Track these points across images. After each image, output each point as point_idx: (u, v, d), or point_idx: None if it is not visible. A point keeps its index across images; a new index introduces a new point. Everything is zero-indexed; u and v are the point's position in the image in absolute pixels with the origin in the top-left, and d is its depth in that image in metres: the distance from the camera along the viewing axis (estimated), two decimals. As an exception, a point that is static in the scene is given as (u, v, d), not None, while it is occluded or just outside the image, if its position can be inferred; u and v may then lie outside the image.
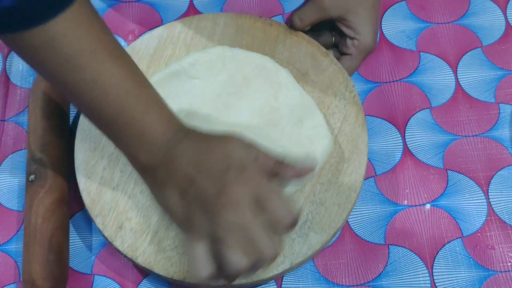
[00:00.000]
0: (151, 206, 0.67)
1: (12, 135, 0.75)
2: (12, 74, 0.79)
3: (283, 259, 0.63)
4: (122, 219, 0.66)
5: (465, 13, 0.81)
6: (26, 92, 0.78)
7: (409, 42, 0.79)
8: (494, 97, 0.75)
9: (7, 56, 0.80)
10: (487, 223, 0.68)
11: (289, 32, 0.76)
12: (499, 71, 0.77)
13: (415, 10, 0.81)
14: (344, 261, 0.67)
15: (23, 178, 0.72)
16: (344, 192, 0.66)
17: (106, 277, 0.67)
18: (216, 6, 0.83)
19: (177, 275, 0.63)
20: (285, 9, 0.82)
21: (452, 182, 0.70)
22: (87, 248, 0.68)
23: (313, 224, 0.65)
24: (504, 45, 0.78)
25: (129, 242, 0.65)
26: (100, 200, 0.67)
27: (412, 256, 0.67)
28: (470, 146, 0.72)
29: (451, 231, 0.68)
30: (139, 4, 0.83)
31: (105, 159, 0.69)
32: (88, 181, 0.68)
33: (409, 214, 0.69)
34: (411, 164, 0.71)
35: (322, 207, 0.66)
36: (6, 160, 0.73)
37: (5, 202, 0.71)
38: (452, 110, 0.74)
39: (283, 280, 0.66)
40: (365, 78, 0.77)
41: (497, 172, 0.71)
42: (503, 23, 0.80)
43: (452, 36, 0.79)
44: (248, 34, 0.76)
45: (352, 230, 0.68)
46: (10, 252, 0.69)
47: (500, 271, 0.66)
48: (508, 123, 0.73)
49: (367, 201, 0.70)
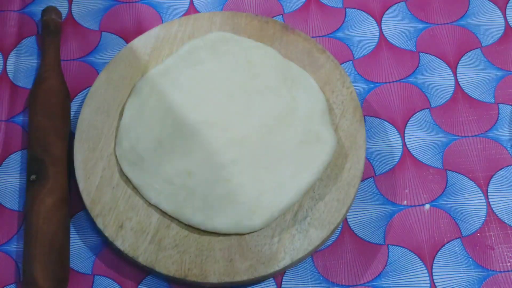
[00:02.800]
0: (151, 206, 0.67)
1: (12, 135, 0.75)
2: (12, 74, 0.79)
3: (283, 255, 0.64)
4: (123, 219, 0.66)
5: (464, 14, 0.81)
6: (26, 92, 0.78)
7: (408, 42, 0.79)
8: (494, 97, 0.75)
9: (7, 56, 0.80)
10: (486, 223, 0.68)
11: (285, 30, 0.76)
12: (499, 72, 0.77)
13: (414, 10, 0.81)
14: (343, 261, 0.67)
15: (23, 178, 0.72)
16: (343, 188, 0.67)
17: (106, 277, 0.67)
18: (216, 6, 0.83)
19: (178, 273, 0.63)
20: (285, 9, 0.82)
21: (452, 182, 0.71)
22: (87, 248, 0.68)
23: (313, 219, 0.66)
24: (503, 46, 0.78)
25: (130, 241, 0.65)
26: (100, 200, 0.67)
27: (412, 256, 0.67)
28: (469, 147, 0.72)
29: (450, 231, 0.68)
30: (139, 4, 0.83)
31: (105, 159, 0.69)
32: (88, 181, 0.68)
33: (409, 214, 0.69)
34: (411, 164, 0.72)
35: (321, 202, 0.66)
36: (6, 160, 0.73)
37: (5, 202, 0.71)
38: (452, 111, 0.75)
39: (283, 280, 0.66)
40: (365, 78, 0.77)
41: (497, 173, 0.71)
42: (502, 24, 0.80)
43: (452, 37, 0.79)
44: (244, 32, 0.76)
45: (351, 230, 0.68)
46: (10, 252, 0.69)
47: (500, 271, 0.66)
48: (507, 123, 0.74)
49: (366, 201, 0.70)
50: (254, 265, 0.64)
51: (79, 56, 0.80)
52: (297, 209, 0.66)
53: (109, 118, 0.72)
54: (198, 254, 0.64)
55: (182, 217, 0.66)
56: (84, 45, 0.81)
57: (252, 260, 0.64)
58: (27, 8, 0.84)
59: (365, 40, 0.79)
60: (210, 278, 0.63)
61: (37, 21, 0.83)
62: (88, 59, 0.80)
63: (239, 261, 0.64)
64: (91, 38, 0.81)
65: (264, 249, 0.64)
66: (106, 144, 0.70)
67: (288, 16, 0.81)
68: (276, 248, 0.64)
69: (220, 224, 0.65)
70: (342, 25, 0.81)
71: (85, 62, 0.79)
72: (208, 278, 0.63)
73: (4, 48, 0.81)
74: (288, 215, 0.66)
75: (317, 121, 0.70)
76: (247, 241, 0.65)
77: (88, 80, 0.78)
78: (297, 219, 0.66)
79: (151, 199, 0.67)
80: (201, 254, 0.64)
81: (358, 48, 0.79)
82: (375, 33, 0.80)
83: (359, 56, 0.78)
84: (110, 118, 0.72)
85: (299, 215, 0.66)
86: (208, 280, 0.63)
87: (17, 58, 0.80)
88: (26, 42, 0.81)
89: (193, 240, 0.65)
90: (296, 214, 0.66)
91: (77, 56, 0.80)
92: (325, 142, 0.68)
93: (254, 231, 0.65)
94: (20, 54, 0.81)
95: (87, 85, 0.78)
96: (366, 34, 0.80)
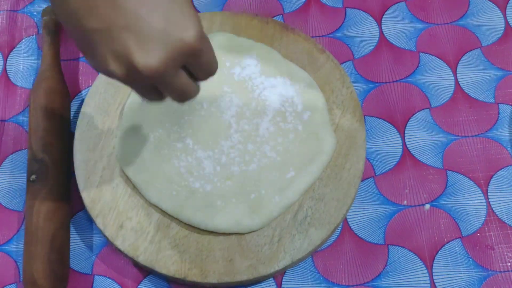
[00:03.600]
0: (151, 205, 0.67)
1: (12, 135, 0.75)
2: (12, 74, 0.79)
3: (283, 255, 0.64)
4: (123, 219, 0.66)
5: (464, 14, 0.81)
6: (26, 92, 0.78)
7: (408, 42, 0.79)
8: (494, 97, 0.75)
9: (7, 56, 0.80)
10: (486, 223, 0.68)
11: (285, 30, 0.76)
12: (499, 72, 0.77)
13: (414, 10, 0.81)
14: (343, 261, 0.67)
15: (23, 178, 0.72)
16: (343, 187, 0.67)
17: (106, 277, 0.67)
18: (217, 6, 0.83)
19: (179, 273, 0.63)
20: (285, 9, 0.82)
21: (452, 182, 0.71)
22: (87, 248, 0.69)
23: (313, 219, 0.66)
24: (503, 46, 0.78)
25: (130, 241, 0.65)
26: (100, 200, 0.67)
27: (412, 256, 0.67)
28: (469, 147, 0.72)
29: (450, 231, 0.68)
30: (139, 4, 0.83)
31: (105, 159, 0.69)
32: (88, 181, 0.68)
33: (409, 214, 0.69)
34: (411, 164, 0.72)
35: (321, 202, 0.66)
36: (6, 160, 0.73)
37: (5, 202, 0.71)
38: (452, 111, 0.75)
39: (283, 280, 0.66)
40: (365, 78, 0.77)
41: (497, 173, 0.71)
42: (502, 24, 0.80)
43: (452, 37, 0.79)
44: (244, 32, 0.76)
45: (351, 230, 0.68)
46: (10, 252, 0.69)
47: (500, 271, 0.66)
48: (507, 123, 0.74)
49: (366, 201, 0.70)
50: (254, 265, 0.64)
51: (79, 56, 0.80)
52: (297, 209, 0.66)
53: (109, 118, 0.72)
54: (198, 254, 0.64)
55: (182, 217, 0.66)
56: (84, 45, 0.81)
57: (252, 260, 0.64)
58: (27, 8, 0.84)
59: (365, 40, 0.80)
60: (210, 278, 0.63)
61: (37, 21, 0.83)
62: (88, 59, 0.80)
63: (239, 261, 0.64)
64: (91, 38, 0.81)
65: (264, 249, 0.64)
66: (106, 144, 0.70)
67: (288, 16, 0.81)
68: (276, 248, 0.64)
69: (221, 223, 0.65)
70: (342, 25, 0.81)
71: (85, 62, 0.79)
72: (208, 278, 0.63)
73: (4, 48, 0.81)
74: (288, 215, 0.66)
75: (317, 121, 0.70)
76: (247, 241, 0.65)
77: (88, 80, 0.78)
78: (297, 219, 0.66)
79: (151, 198, 0.67)
80: (201, 254, 0.64)
81: (358, 48, 0.79)
82: (375, 33, 0.80)
83: (359, 56, 0.78)
84: (110, 118, 0.72)
85: (299, 215, 0.66)
86: (208, 280, 0.63)
87: (17, 58, 0.80)
88: (26, 42, 0.81)
89: (193, 240, 0.65)
90: (296, 214, 0.66)
91: (77, 56, 0.80)
92: (324, 142, 0.69)
93: (254, 230, 0.65)
94: (20, 54, 0.81)
95: (87, 85, 0.78)
96: (366, 34, 0.80)
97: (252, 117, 0.70)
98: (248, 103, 0.71)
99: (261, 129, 0.70)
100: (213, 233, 0.66)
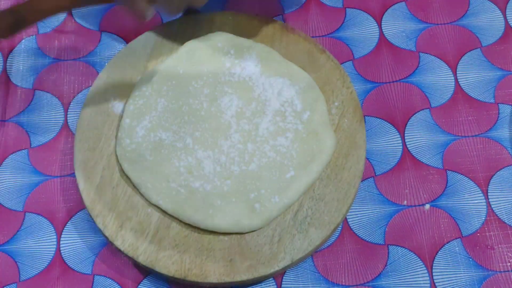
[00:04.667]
0: (151, 205, 0.67)
1: (12, 135, 0.75)
2: (12, 74, 0.79)
3: (283, 255, 0.64)
4: (123, 219, 0.66)
5: (464, 14, 0.81)
6: (26, 92, 0.78)
7: (408, 42, 0.79)
8: (494, 97, 0.75)
9: (7, 56, 0.80)
10: (486, 223, 0.68)
11: (285, 30, 0.76)
12: (499, 72, 0.77)
13: (414, 10, 0.81)
14: (343, 261, 0.67)
15: (23, 178, 0.72)
16: (343, 188, 0.67)
17: (106, 277, 0.67)
18: (217, 6, 0.83)
19: (178, 273, 0.63)
20: (285, 9, 0.82)
21: (452, 182, 0.71)
22: (87, 248, 0.69)
23: (313, 219, 0.66)
24: (503, 46, 0.78)
25: (130, 241, 0.65)
26: (100, 200, 0.67)
27: (412, 256, 0.67)
28: (469, 147, 0.72)
29: (450, 231, 0.68)
30: (139, 4, 0.83)
31: (105, 159, 0.69)
32: (88, 181, 0.68)
33: (409, 214, 0.69)
34: (411, 164, 0.72)
35: (321, 202, 0.66)
36: (6, 160, 0.73)
37: (5, 202, 0.71)
38: (452, 111, 0.75)
39: (283, 280, 0.66)
40: (365, 78, 0.77)
41: (497, 173, 0.71)
42: (502, 24, 0.80)
43: (452, 37, 0.79)
44: (244, 32, 0.76)
45: (351, 230, 0.68)
46: (10, 252, 0.69)
47: (500, 271, 0.66)
48: (507, 123, 0.74)
49: (366, 201, 0.70)
50: (254, 265, 0.64)
51: (79, 56, 0.80)
52: (297, 209, 0.66)
53: (109, 118, 0.72)
54: (198, 254, 0.64)
55: (182, 216, 0.66)
56: (84, 45, 0.81)
57: (252, 260, 0.64)
58: (27, 8, 0.84)
59: (365, 40, 0.79)
60: (210, 278, 0.63)
61: (37, 21, 0.83)
62: (88, 59, 0.80)
63: (239, 261, 0.64)
64: (91, 38, 0.81)
65: (264, 249, 0.64)
66: (106, 144, 0.70)
67: (288, 16, 0.81)
68: (276, 248, 0.64)
69: (220, 223, 0.65)
70: (342, 25, 0.81)
71: (85, 62, 0.79)
72: (208, 278, 0.63)
73: (4, 48, 0.81)
74: (288, 215, 0.66)
75: (317, 121, 0.70)
76: (247, 241, 0.65)
77: (88, 80, 0.78)
78: (297, 219, 0.66)
79: (151, 198, 0.67)
80: (201, 254, 0.64)
81: (358, 48, 0.79)
82: (375, 33, 0.80)
83: (359, 56, 0.78)
84: (110, 118, 0.72)
85: (299, 215, 0.66)
86: (208, 280, 0.63)
87: (17, 58, 0.80)
88: (26, 42, 0.81)
89: (193, 240, 0.65)
90: (296, 214, 0.66)
91: (77, 56, 0.80)
92: (324, 142, 0.69)
93: (254, 230, 0.65)
94: (20, 54, 0.81)
95: (87, 85, 0.78)
96: (366, 34, 0.80)
97: (252, 117, 0.70)
98: (248, 103, 0.71)
99: (261, 129, 0.70)
100: (213, 233, 0.66)
